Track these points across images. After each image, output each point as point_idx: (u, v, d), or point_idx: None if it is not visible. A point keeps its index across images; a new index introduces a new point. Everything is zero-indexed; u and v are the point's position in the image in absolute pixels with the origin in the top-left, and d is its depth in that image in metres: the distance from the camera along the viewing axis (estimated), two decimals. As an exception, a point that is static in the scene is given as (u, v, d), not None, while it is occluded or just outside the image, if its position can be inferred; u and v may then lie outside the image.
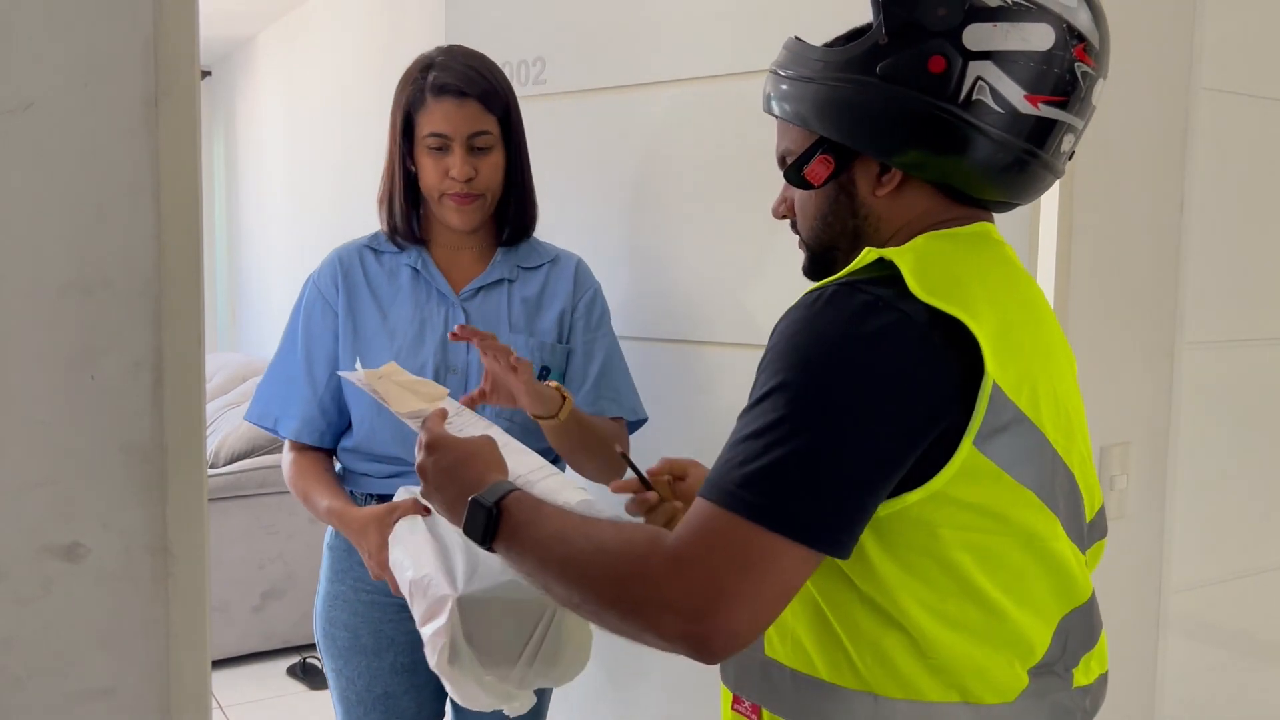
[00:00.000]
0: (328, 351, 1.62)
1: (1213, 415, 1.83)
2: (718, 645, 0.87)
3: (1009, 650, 0.96)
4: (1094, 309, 1.64)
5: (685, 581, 0.87)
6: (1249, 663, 2.01)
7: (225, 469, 3.59)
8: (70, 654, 0.93)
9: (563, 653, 1.40)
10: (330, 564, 1.67)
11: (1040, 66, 0.95)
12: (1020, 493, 0.95)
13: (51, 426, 0.90)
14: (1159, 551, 1.78)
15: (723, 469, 0.91)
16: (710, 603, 0.86)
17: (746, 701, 1.04)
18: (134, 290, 0.90)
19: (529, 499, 1.03)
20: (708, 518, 0.89)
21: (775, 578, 0.87)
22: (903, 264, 0.94)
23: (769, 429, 0.90)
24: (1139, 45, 1.66)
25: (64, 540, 0.92)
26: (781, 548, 0.87)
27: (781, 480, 0.88)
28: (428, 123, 1.57)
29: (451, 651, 1.33)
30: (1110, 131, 1.63)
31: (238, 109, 5.54)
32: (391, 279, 1.64)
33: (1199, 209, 1.75)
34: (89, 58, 0.88)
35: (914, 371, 0.90)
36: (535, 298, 1.67)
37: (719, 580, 0.87)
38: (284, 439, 1.65)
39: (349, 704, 1.65)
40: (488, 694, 1.37)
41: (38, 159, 0.86)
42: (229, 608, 3.57)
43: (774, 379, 0.92)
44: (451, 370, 1.59)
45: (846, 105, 0.99)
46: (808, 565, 0.89)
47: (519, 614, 1.37)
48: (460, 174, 1.56)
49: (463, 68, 1.59)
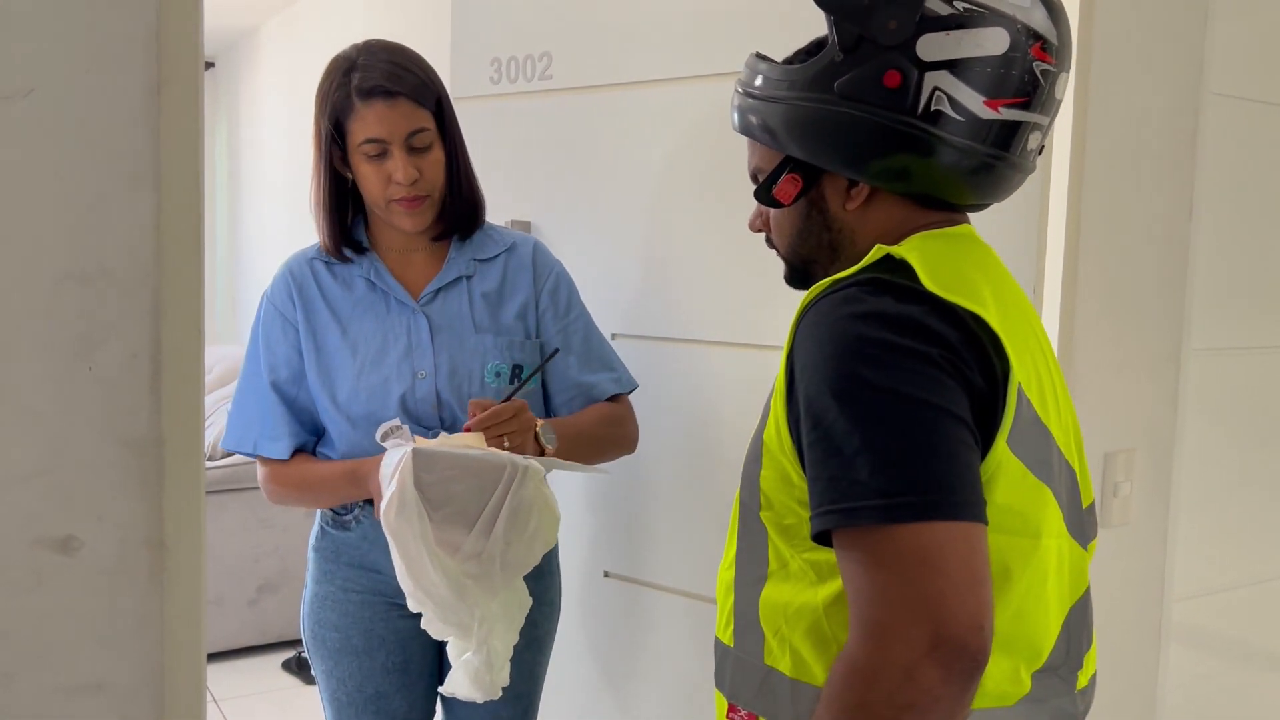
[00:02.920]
0: (293, 369, 1.58)
1: (1218, 423, 1.82)
2: (975, 644, 0.81)
3: (1016, 655, 0.95)
4: (1100, 314, 1.63)
5: (892, 625, 0.82)
6: (1251, 672, 2.00)
7: (222, 462, 3.58)
8: (63, 648, 0.92)
9: (524, 520, 1.34)
10: (316, 566, 1.65)
11: (998, 71, 0.94)
12: (1040, 490, 0.94)
13: (47, 417, 0.89)
14: (1162, 559, 1.77)
15: (844, 491, 0.86)
16: (928, 620, 0.81)
17: (743, 710, 1.03)
18: (133, 280, 0.89)
19: None
20: (872, 545, 0.84)
21: (966, 560, 0.82)
22: (913, 261, 0.93)
23: (869, 432, 0.86)
24: (1148, 50, 1.65)
25: (58, 533, 0.90)
26: (957, 531, 0.83)
27: (920, 470, 0.84)
28: (361, 129, 1.50)
29: (400, 501, 1.27)
30: (1119, 136, 1.62)
31: (241, 99, 5.53)
32: (347, 290, 1.59)
33: (1207, 215, 1.74)
34: (91, 44, 0.86)
35: (953, 361, 0.89)
36: (495, 291, 1.62)
37: (919, 593, 0.82)
38: (269, 459, 1.60)
39: (340, 705, 1.63)
40: (435, 569, 1.30)
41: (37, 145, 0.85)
42: (224, 601, 3.57)
43: (838, 384, 0.88)
44: (420, 375, 1.56)
45: (808, 124, 0.99)
46: (981, 537, 0.84)
47: (478, 473, 1.32)
48: (405, 177, 1.50)
49: (387, 65, 1.51)
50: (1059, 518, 0.97)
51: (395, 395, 1.54)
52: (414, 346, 1.56)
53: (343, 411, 1.55)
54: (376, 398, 1.54)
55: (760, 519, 1.00)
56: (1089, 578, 1.06)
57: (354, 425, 1.55)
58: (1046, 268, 1.58)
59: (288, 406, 1.59)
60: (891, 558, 0.83)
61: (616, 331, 1.88)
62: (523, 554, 1.37)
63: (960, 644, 0.81)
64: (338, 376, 1.56)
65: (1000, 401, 0.91)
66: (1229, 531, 1.88)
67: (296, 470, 1.59)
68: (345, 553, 1.62)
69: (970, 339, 0.91)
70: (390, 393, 1.54)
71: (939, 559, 0.82)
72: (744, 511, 1.04)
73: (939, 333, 0.89)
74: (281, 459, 1.58)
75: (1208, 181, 1.74)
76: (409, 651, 1.63)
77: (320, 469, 1.57)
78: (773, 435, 0.98)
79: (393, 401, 1.54)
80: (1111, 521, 1.68)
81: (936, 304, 0.90)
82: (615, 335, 1.89)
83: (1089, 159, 1.58)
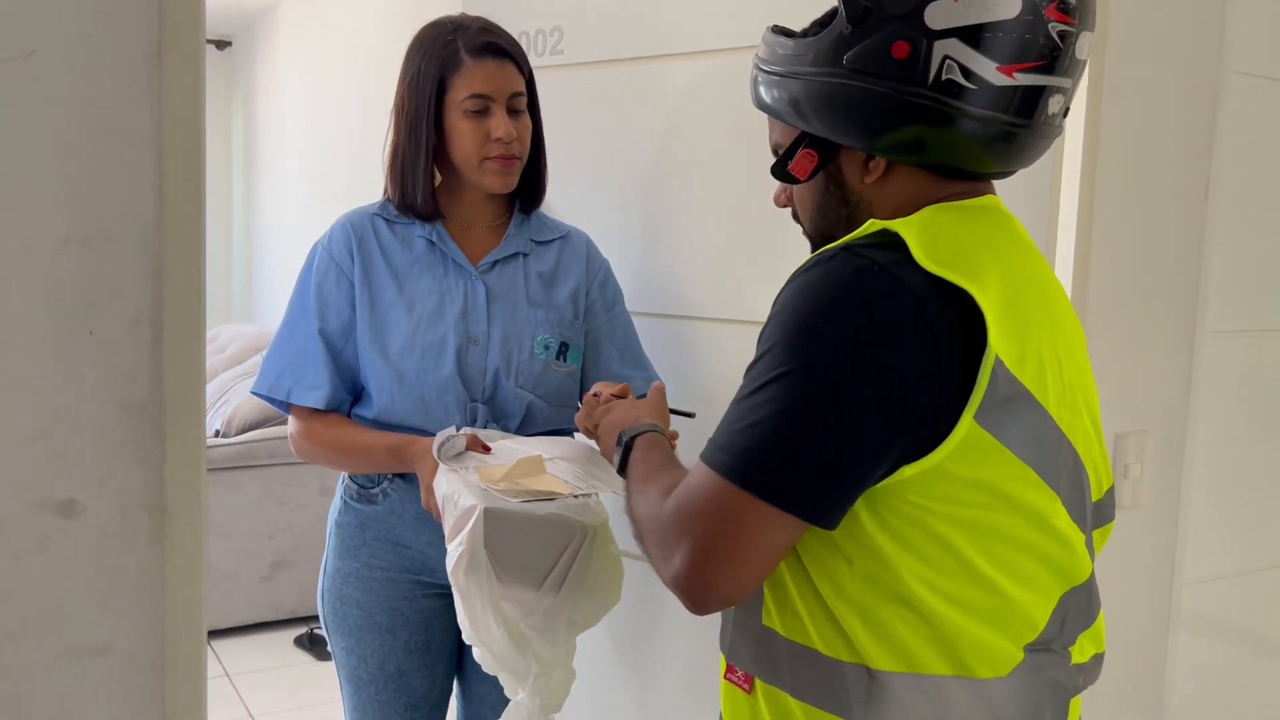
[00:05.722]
0: (344, 320, 1.58)
1: (1232, 406, 1.81)
2: (699, 598, 0.93)
3: (1005, 627, 0.95)
4: (1114, 295, 1.61)
5: (678, 535, 0.93)
6: (1260, 657, 1.98)
7: (236, 439, 3.60)
8: (65, 610, 0.92)
9: (593, 581, 1.37)
10: (340, 541, 1.64)
11: (1010, 36, 0.92)
12: (1020, 469, 0.93)
13: (49, 381, 0.89)
14: (1172, 542, 1.76)
15: (720, 431, 0.94)
16: (696, 559, 0.91)
17: (740, 671, 1.03)
18: (134, 245, 0.89)
19: (656, 441, 1.16)
20: (701, 479, 0.93)
21: (758, 543, 0.91)
22: (907, 234, 0.92)
23: (760, 395, 0.92)
24: (1168, 27, 1.62)
25: (60, 496, 0.91)
26: (765, 514, 0.89)
27: (767, 448, 0.90)
28: (466, 85, 1.54)
29: (470, 560, 1.30)
30: (1136, 114, 1.60)
31: (258, 79, 5.54)
32: (406, 249, 1.61)
33: (1225, 195, 1.72)
34: (93, 6, 0.86)
35: (906, 342, 0.89)
36: (550, 272, 1.65)
37: (704, 540, 0.91)
38: (301, 407, 1.58)
39: (359, 683, 1.63)
40: (498, 625, 1.32)
41: (38, 108, 0.85)
42: (238, 577, 3.59)
43: (768, 344, 0.94)
44: (473, 341, 1.57)
45: (820, 99, 0.98)
46: (790, 532, 0.91)
47: (547, 535, 1.34)
48: (505, 134, 1.54)
49: (494, 27, 1.60)
50: (1054, 500, 0.96)
51: (451, 354, 1.55)
52: (470, 310, 1.58)
53: (393, 366, 1.55)
54: (431, 354, 1.55)
55: None
56: (1093, 563, 1.04)
57: (402, 381, 1.55)
58: (1059, 248, 1.56)
59: (333, 356, 1.58)
60: (726, 507, 0.91)
61: (633, 309, 1.88)
62: (589, 613, 1.40)
63: (688, 594, 0.93)
64: (391, 331, 1.56)
65: (973, 376, 0.90)
66: (1241, 515, 1.87)
67: (337, 431, 1.58)
68: (371, 527, 1.62)
69: (951, 314, 0.90)
70: (447, 351, 1.55)
71: (732, 524, 0.91)
72: None
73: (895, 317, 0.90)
74: (316, 408, 1.57)
75: (1225, 161, 1.71)
76: (431, 631, 1.63)
77: (365, 436, 1.56)
78: None
79: (448, 359, 1.55)
80: (1122, 503, 1.66)
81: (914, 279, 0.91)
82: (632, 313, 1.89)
83: (1103, 137, 1.56)
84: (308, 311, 1.60)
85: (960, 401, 0.90)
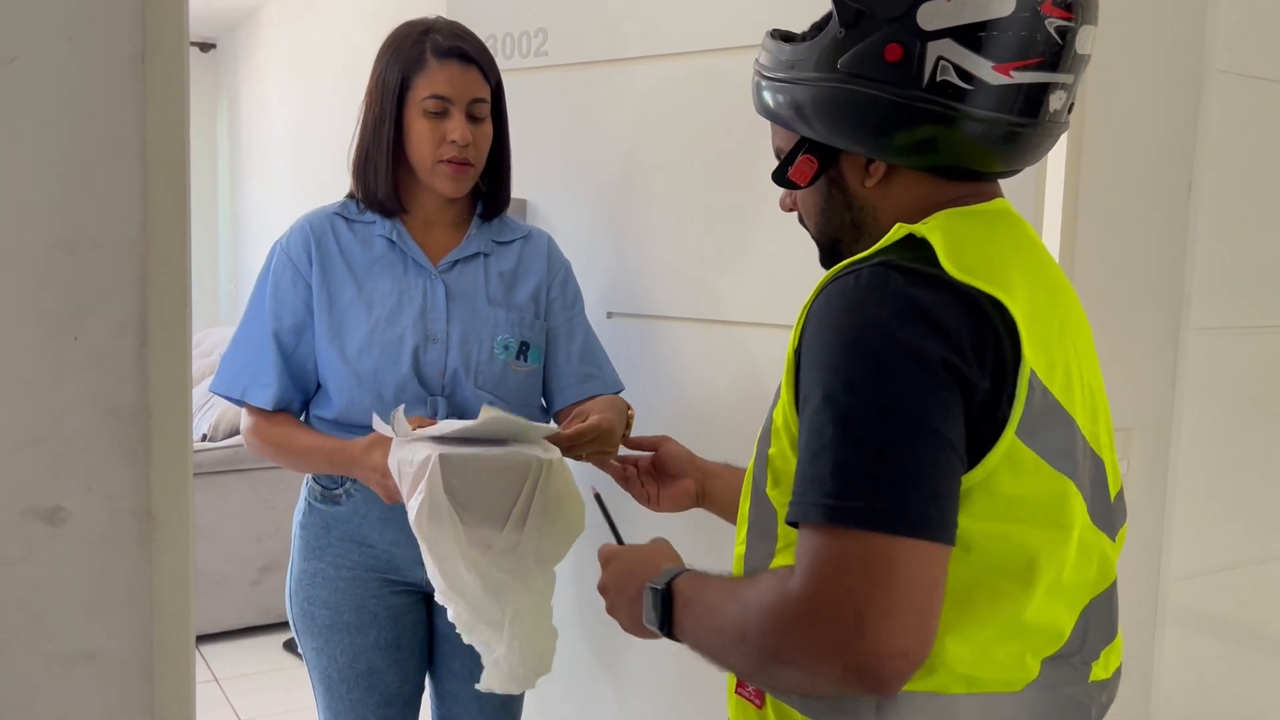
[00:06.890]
0: (297, 319, 1.58)
1: (1217, 402, 1.82)
2: (889, 670, 0.82)
3: (1022, 641, 0.92)
4: (1099, 292, 1.62)
5: (824, 617, 0.82)
6: (1248, 653, 1.99)
7: (224, 443, 3.59)
8: (53, 617, 0.92)
9: (554, 512, 1.36)
10: (305, 543, 1.65)
11: (1006, 34, 0.90)
12: (1059, 481, 0.91)
13: (34, 388, 0.89)
14: (1159, 539, 1.77)
15: (808, 485, 0.86)
16: (858, 629, 0.81)
17: (750, 685, 1.02)
18: (120, 250, 0.89)
19: (696, 575, 1.01)
20: (818, 543, 0.84)
21: (911, 581, 0.82)
22: (934, 241, 0.90)
23: (843, 432, 0.85)
24: (1151, 25, 1.63)
25: (47, 503, 0.90)
26: (903, 548, 0.82)
27: (876, 480, 0.83)
28: (427, 85, 1.55)
29: (431, 507, 1.29)
30: (1119, 112, 1.61)
31: (242, 81, 5.52)
32: (366, 248, 1.61)
33: (1208, 193, 1.73)
34: (76, 11, 0.86)
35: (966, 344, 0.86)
36: (511, 271, 1.65)
37: (856, 603, 0.81)
38: (254, 408, 1.58)
39: (330, 682, 1.64)
40: (469, 571, 1.31)
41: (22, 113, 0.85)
42: (227, 581, 3.58)
43: (831, 375, 0.87)
44: (432, 340, 1.57)
45: (816, 104, 0.97)
46: (934, 559, 0.83)
47: (503, 472, 1.34)
48: (460, 138, 1.54)
49: (464, 34, 1.60)
50: (1083, 508, 0.94)
51: (408, 353, 1.55)
52: (429, 309, 1.58)
53: (351, 366, 1.56)
54: (389, 354, 1.55)
55: (768, 496, 0.99)
56: (1116, 570, 1.03)
57: (360, 380, 1.55)
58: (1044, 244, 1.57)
59: (283, 357, 1.59)
60: (834, 560, 0.83)
61: (612, 310, 1.88)
62: (556, 545, 1.40)
63: (868, 670, 0.81)
64: (349, 331, 1.56)
65: (1012, 391, 0.88)
66: (1227, 511, 1.88)
67: (280, 431, 1.58)
68: (336, 527, 1.62)
69: (982, 329, 0.87)
70: (404, 350, 1.55)
71: (877, 572, 0.81)
72: (754, 489, 1.03)
73: (946, 327, 0.86)
74: (264, 409, 1.58)
75: (1208, 159, 1.72)
76: (401, 627, 1.63)
77: (303, 438, 1.58)
78: (780, 415, 0.97)
79: (405, 359, 1.55)
80: (1108, 500, 1.67)
81: (953, 289, 0.87)
82: (611, 314, 1.89)
83: (1087, 136, 1.57)
84: (263, 311, 1.60)
85: (993, 411, 0.87)
